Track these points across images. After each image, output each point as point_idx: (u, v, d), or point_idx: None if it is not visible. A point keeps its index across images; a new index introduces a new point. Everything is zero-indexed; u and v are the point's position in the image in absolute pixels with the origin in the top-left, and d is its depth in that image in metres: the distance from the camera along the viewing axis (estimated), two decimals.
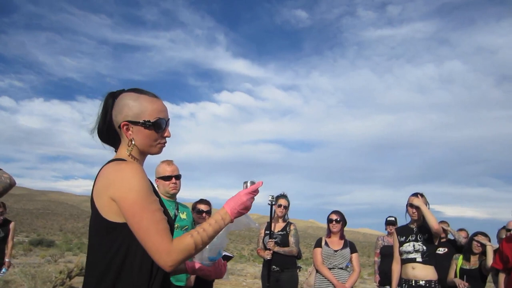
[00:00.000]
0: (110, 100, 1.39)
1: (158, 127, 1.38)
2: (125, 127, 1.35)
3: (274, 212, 4.72)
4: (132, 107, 1.35)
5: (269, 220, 4.70)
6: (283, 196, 4.93)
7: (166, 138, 1.43)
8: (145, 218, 1.19)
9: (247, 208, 1.35)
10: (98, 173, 1.33)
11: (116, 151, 1.44)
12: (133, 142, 1.36)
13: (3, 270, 5.81)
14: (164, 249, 1.18)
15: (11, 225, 5.93)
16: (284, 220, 4.88)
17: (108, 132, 1.40)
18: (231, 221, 1.34)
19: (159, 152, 1.45)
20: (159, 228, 1.20)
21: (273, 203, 4.61)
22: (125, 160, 1.33)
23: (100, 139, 1.43)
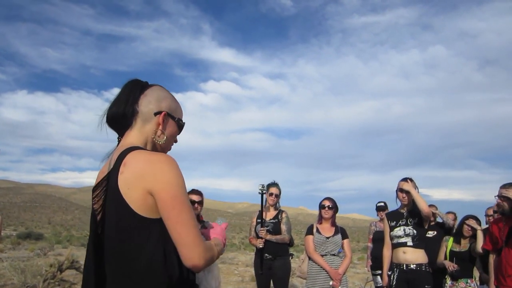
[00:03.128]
0: (139, 87, 1.34)
1: (182, 129, 1.44)
2: (163, 117, 1.33)
3: (265, 200, 4.72)
4: (171, 101, 1.39)
5: (260, 209, 4.71)
6: (274, 184, 4.93)
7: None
8: (184, 212, 1.14)
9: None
10: (117, 161, 1.21)
11: (120, 138, 1.37)
12: (164, 134, 1.34)
13: None
14: (200, 245, 1.14)
15: None
16: (275, 208, 4.88)
17: (124, 117, 1.32)
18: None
19: (167, 151, 1.44)
20: (195, 225, 1.16)
21: (264, 191, 4.62)
22: (146, 150, 1.28)
23: (110, 122, 1.34)
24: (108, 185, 1.22)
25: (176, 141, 1.44)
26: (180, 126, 1.41)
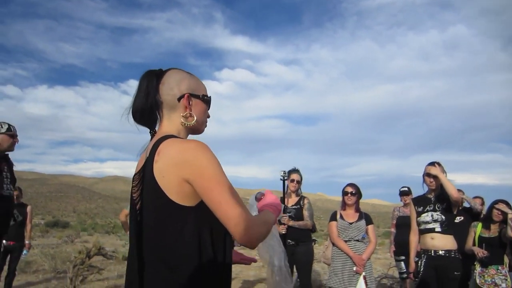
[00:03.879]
0: (155, 78, 1.33)
1: (210, 104, 1.42)
2: (187, 99, 1.32)
3: (287, 187, 4.71)
4: (189, 80, 1.36)
5: (282, 195, 4.70)
6: (295, 170, 4.90)
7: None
8: (224, 190, 1.13)
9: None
10: (152, 150, 1.22)
11: (152, 132, 1.37)
12: (194, 116, 1.33)
13: (24, 252, 5.97)
14: (248, 221, 1.11)
15: (28, 209, 6.04)
16: (297, 195, 4.86)
17: (148, 111, 1.32)
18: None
19: (203, 131, 1.42)
20: (239, 201, 1.14)
21: (286, 178, 4.59)
22: (179, 137, 1.27)
23: (138, 119, 1.34)
24: (144, 174, 1.23)
25: (209, 116, 1.43)
26: (206, 101, 1.39)
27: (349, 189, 4.23)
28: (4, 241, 5.57)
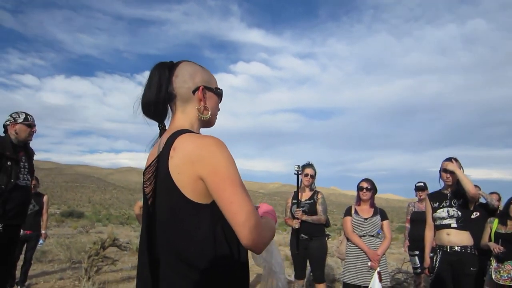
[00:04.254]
0: (167, 70, 1.30)
1: (222, 97, 1.41)
2: (202, 92, 1.31)
3: (301, 181, 4.68)
4: (202, 73, 1.35)
5: (296, 190, 4.68)
6: (309, 165, 4.87)
7: None
8: (237, 192, 1.10)
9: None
10: (166, 145, 1.19)
11: (162, 126, 1.35)
12: (208, 109, 1.32)
13: (41, 241, 6.08)
14: (257, 224, 1.09)
15: (45, 198, 6.14)
16: (311, 189, 4.84)
17: (161, 105, 1.29)
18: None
19: (214, 123, 1.41)
20: (250, 204, 1.11)
21: (299, 172, 4.57)
22: (194, 132, 1.24)
23: (149, 113, 1.31)
24: (158, 169, 1.20)
25: (219, 109, 1.42)
26: (219, 94, 1.38)
27: (365, 185, 4.18)
28: (21, 230, 5.70)
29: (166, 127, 1.34)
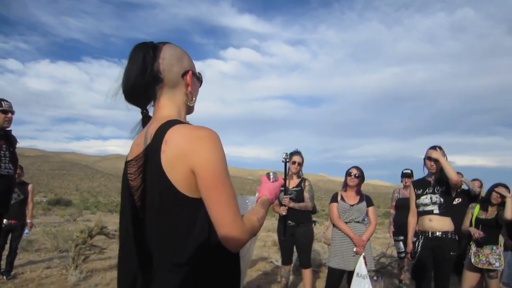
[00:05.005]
0: (151, 51, 1.19)
1: (202, 82, 1.36)
2: (191, 77, 1.25)
3: (289, 168, 4.71)
4: (188, 56, 1.29)
5: (283, 177, 4.71)
6: (297, 152, 4.90)
7: None
8: (226, 192, 1.08)
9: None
10: (156, 137, 1.11)
11: (145, 112, 1.26)
12: (194, 96, 1.27)
13: (26, 230, 6.01)
14: (240, 227, 1.08)
15: (29, 187, 6.05)
16: (298, 177, 4.87)
17: (146, 88, 1.19)
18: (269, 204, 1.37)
19: (193, 111, 1.35)
20: (235, 205, 1.10)
21: (287, 160, 4.59)
22: (185, 123, 1.17)
23: (132, 98, 1.21)
24: (147, 163, 1.13)
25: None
26: (200, 80, 1.33)
27: (354, 171, 4.23)
28: (5, 220, 5.61)
29: (149, 113, 1.27)
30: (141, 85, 1.17)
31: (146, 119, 1.26)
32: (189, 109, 1.30)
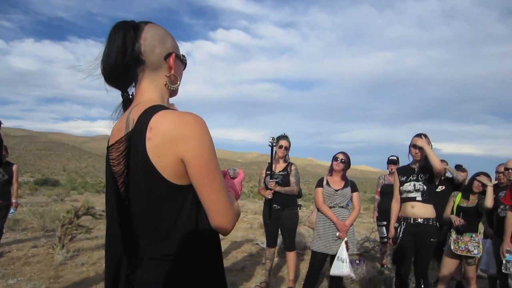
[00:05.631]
0: (132, 31, 1.13)
1: (186, 65, 1.32)
2: (174, 59, 1.20)
3: (275, 152, 4.74)
4: (171, 38, 1.23)
5: (270, 161, 4.74)
6: (284, 137, 4.92)
7: None
8: (217, 178, 1.08)
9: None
10: (139, 124, 1.07)
11: (125, 95, 1.21)
12: (178, 79, 1.23)
13: (12, 210, 5.98)
14: (232, 213, 1.12)
15: (14, 168, 6.00)
16: (285, 161, 4.91)
17: (126, 70, 1.14)
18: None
19: (176, 94, 1.30)
20: (225, 191, 1.11)
21: (274, 144, 4.62)
22: (170, 109, 1.12)
23: (111, 80, 1.16)
24: (130, 149, 1.09)
25: None
26: (184, 63, 1.29)
27: (340, 156, 4.27)
28: None
29: (129, 96, 1.21)
30: (121, 66, 1.11)
31: (126, 102, 1.21)
32: (173, 93, 1.26)
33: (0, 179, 5.72)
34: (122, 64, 1.11)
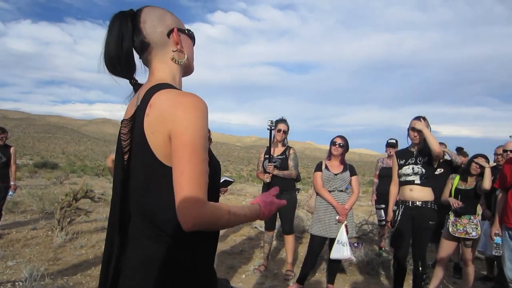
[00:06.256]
0: (128, 19, 1.16)
1: (194, 39, 1.31)
2: (177, 34, 1.20)
3: (273, 136, 4.71)
4: (171, 15, 1.24)
5: (268, 145, 4.71)
6: (283, 120, 4.88)
7: None
8: (192, 163, 0.99)
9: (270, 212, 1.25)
10: (144, 100, 1.10)
11: (133, 82, 1.23)
12: (184, 52, 1.22)
13: (10, 193, 6.02)
14: (197, 205, 0.98)
15: (12, 150, 6.03)
16: (283, 145, 4.89)
17: (127, 58, 1.16)
18: (255, 219, 1.21)
19: (193, 69, 1.32)
20: (201, 181, 1.00)
21: (272, 127, 4.58)
22: (175, 88, 1.13)
23: (114, 70, 1.17)
24: (134, 126, 1.12)
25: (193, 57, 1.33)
26: (192, 36, 1.29)
27: (338, 140, 4.25)
28: None
29: (138, 81, 1.24)
30: (120, 56, 1.14)
31: (137, 87, 1.23)
32: (186, 70, 1.28)
33: None
34: (121, 53, 1.14)
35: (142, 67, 1.25)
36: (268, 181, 4.60)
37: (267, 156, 4.69)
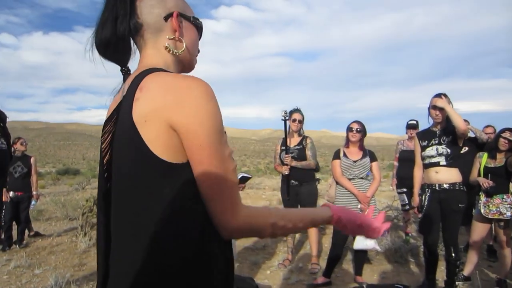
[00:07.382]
0: None
1: (201, 31, 1.08)
2: (177, 18, 0.98)
3: (289, 127, 4.60)
4: None
5: (284, 136, 4.61)
6: (297, 110, 4.76)
7: None
8: (219, 165, 0.82)
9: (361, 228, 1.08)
10: (132, 86, 0.87)
11: (125, 69, 1.01)
12: (183, 42, 0.99)
13: (33, 202, 6.17)
14: (235, 211, 0.83)
15: (32, 160, 6.16)
16: (299, 135, 4.77)
17: (122, 40, 0.95)
18: (328, 222, 1.03)
19: (194, 66, 1.08)
20: (234, 183, 0.84)
21: (287, 118, 4.47)
22: (169, 72, 0.91)
23: (106, 53, 0.96)
24: (118, 118, 0.88)
25: (199, 51, 1.09)
26: (198, 26, 1.05)
27: (355, 126, 4.09)
28: (11, 192, 5.79)
29: (131, 72, 1.01)
30: (115, 38, 0.94)
31: (127, 78, 1.00)
32: (184, 64, 1.04)
33: (20, 172, 5.89)
34: (117, 34, 0.94)
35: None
36: (286, 173, 4.49)
37: (284, 147, 4.58)
